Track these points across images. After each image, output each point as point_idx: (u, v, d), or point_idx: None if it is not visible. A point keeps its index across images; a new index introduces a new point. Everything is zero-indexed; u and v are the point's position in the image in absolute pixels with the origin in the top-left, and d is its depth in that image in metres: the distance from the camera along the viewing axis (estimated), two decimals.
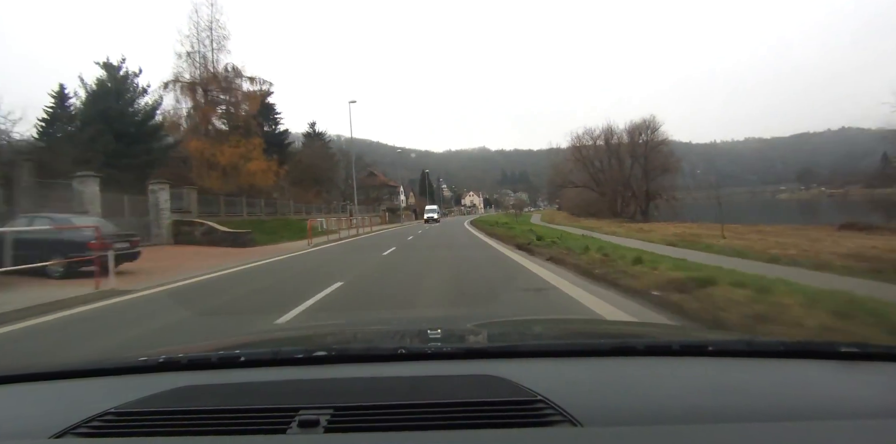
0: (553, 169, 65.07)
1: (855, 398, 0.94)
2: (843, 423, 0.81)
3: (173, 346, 1.64)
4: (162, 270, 10.86)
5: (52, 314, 6.21)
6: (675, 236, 18.27)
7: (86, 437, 0.86)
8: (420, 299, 6.52)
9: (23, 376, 1.21)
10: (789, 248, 12.96)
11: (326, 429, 0.82)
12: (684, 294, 5.21)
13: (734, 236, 18.95)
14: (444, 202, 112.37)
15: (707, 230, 22.70)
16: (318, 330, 2.23)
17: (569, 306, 5.60)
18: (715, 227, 21.95)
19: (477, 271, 9.42)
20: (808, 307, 4.17)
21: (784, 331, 3.64)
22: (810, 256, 10.31)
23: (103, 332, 5.45)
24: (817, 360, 1.11)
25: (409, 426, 0.81)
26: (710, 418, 0.83)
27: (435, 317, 4.27)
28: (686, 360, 1.13)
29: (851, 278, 6.59)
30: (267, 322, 5.29)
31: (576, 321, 3.11)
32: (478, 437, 0.79)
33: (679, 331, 2.35)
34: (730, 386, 1.00)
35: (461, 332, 1.74)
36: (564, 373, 1.07)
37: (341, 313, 5.78)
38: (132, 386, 1.07)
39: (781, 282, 5.49)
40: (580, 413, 0.82)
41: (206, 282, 9.18)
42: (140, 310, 6.56)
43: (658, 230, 25.13)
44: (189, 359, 1.23)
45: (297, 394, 0.97)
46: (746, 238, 17.71)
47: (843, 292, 4.67)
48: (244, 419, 0.86)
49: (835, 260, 9.28)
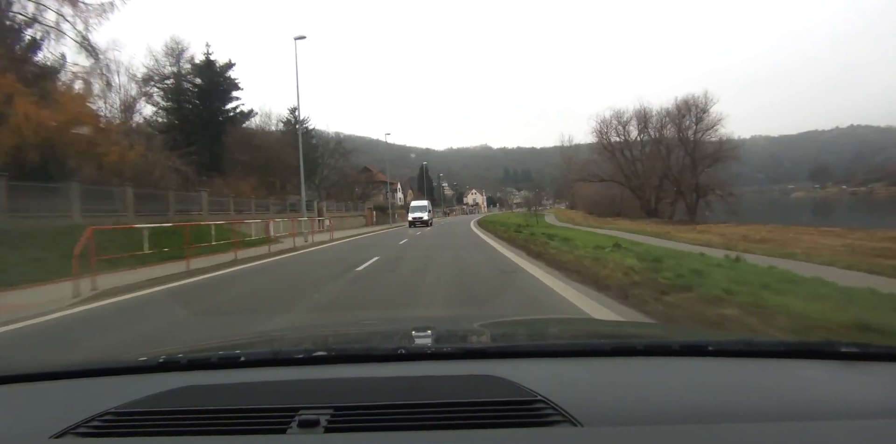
0: (567, 162, 56.20)
1: (855, 398, 0.93)
2: (843, 423, 0.81)
3: (173, 346, 1.59)
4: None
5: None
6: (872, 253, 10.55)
7: (86, 437, 0.86)
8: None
9: (23, 376, 1.22)
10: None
11: (326, 429, 0.82)
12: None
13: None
14: (446, 201, 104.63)
15: (830, 236, 16.88)
16: (318, 330, 2.31)
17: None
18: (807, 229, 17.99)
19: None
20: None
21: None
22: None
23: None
24: (817, 360, 1.10)
25: (409, 426, 0.82)
26: (710, 418, 0.82)
27: (435, 317, 4.36)
28: (686, 360, 1.12)
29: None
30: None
31: (576, 321, 3.11)
32: (478, 437, 0.79)
33: (679, 331, 2.35)
34: (730, 386, 1.00)
35: (461, 332, 1.76)
36: (564, 373, 1.06)
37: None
38: (132, 386, 1.07)
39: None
40: (580, 413, 0.82)
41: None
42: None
43: (779, 237, 16.62)
44: (189, 359, 1.22)
45: (297, 394, 0.97)
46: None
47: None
48: (244, 419, 0.86)
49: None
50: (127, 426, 0.88)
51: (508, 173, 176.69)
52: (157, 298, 7.36)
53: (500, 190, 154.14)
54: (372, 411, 0.86)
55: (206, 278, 9.63)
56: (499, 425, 0.80)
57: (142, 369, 1.20)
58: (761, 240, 16.56)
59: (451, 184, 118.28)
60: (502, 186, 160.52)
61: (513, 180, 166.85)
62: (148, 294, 7.65)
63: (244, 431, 0.83)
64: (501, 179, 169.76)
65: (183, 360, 1.22)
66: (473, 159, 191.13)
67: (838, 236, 16.62)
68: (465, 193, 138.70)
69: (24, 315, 5.93)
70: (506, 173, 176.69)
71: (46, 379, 1.19)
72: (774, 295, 5.05)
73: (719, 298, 5.02)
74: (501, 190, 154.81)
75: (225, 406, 0.90)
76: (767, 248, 12.82)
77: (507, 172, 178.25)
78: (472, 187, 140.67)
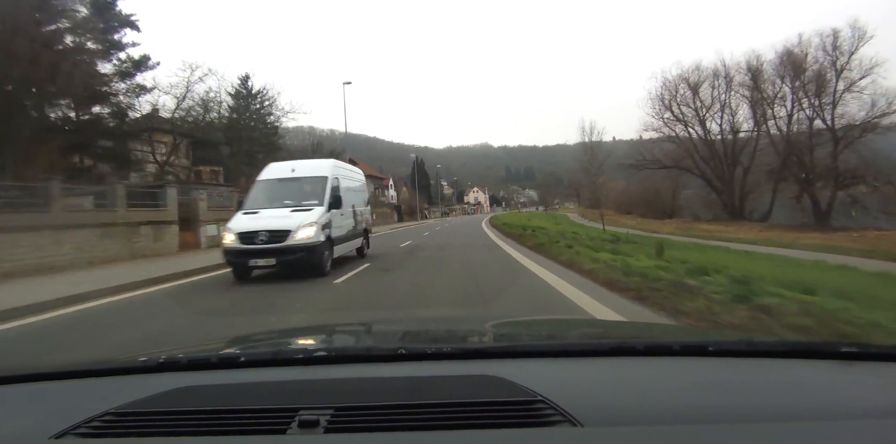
0: (588, 154, 43.34)
1: (855, 398, 0.93)
2: (843, 423, 0.81)
3: (173, 346, 1.59)
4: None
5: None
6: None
7: (86, 437, 0.86)
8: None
9: (23, 376, 1.21)
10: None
11: (326, 429, 0.82)
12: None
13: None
14: (444, 199, 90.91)
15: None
16: (318, 330, 2.26)
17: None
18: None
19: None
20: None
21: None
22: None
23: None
24: (817, 360, 1.10)
25: (409, 427, 0.81)
26: (710, 418, 0.82)
27: (435, 317, 4.32)
28: (686, 360, 1.12)
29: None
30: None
31: (575, 322, 3.07)
32: (478, 437, 0.78)
33: (679, 331, 2.31)
34: (730, 386, 0.99)
35: (461, 332, 1.75)
36: (564, 373, 1.06)
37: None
38: (132, 386, 1.07)
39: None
40: (580, 413, 0.82)
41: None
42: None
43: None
44: (189, 359, 1.22)
45: (297, 394, 0.97)
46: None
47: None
48: (244, 419, 0.86)
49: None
50: (127, 427, 0.88)
51: (510, 172, 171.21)
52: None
53: (504, 188, 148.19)
54: (372, 411, 0.86)
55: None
56: (499, 425, 0.80)
57: (142, 369, 1.19)
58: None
59: (450, 181, 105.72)
60: (506, 184, 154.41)
61: (515, 179, 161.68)
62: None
63: (244, 431, 0.83)
64: (503, 178, 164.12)
65: (183, 360, 1.21)
66: (473, 158, 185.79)
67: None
68: (466, 192, 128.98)
69: None
70: (507, 172, 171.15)
71: (46, 379, 1.18)
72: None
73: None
74: (506, 188, 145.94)
75: (225, 406, 0.90)
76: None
77: (508, 170, 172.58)
78: (473, 185, 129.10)
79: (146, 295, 7.73)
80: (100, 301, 7.13)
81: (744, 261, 11.45)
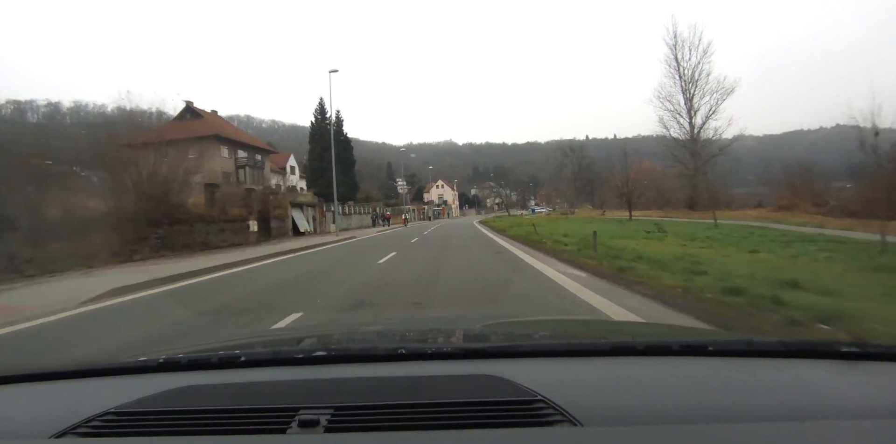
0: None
1: (855, 398, 0.93)
2: (843, 423, 0.81)
3: (173, 346, 1.58)
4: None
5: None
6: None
7: (86, 437, 0.86)
8: None
9: (23, 376, 1.21)
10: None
11: (326, 429, 0.82)
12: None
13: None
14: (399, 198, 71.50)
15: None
16: (318, 330, 2.28)
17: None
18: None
19: None
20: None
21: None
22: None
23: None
24: (817, 360, 1.10)
25: (409, 426, 0.81)
26: (710, 418, 0.82)
27: (435, 317, 4.30)
28: (686, 360, 1.12)
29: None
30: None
31: (576, 321, 3.07)
32: (478, 437, 0.78)
33: (679, 331, 2.30)
34: (730, 386, 0.99)
35: (461, 332, 1.74)
36: (564, 373, 1.06)
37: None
38: (132, 386, 1.06)
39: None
40: (580, 413, 0.82)
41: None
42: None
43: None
44: (189, 359, 1.22)
45: (297, 394, 0.97)
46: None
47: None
48: (244, 419, 0.86)
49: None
50: (127, 426, 0.88)
51: (478, 171, 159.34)
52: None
53: (476, 186, 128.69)
54: (372, 411, 0.86)
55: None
56: (499, 425, 0.80)
57: (142, 369, 1.19)
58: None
59: (408, 177, 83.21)
60: (472, 183, 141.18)
61: (482, 178, 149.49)
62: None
63: (244, 431, 0.83)
64: (470, 177, 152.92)
65: (183, 360, 1.21)
66: (436, 155, 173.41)
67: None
68: (427, 188, 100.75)
69: None
70: (474, 171, 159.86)
71: (46, 379, 1.18)
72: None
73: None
74: (481, 185, 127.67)
75: (225, 406, 0.90)
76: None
77: (476, 169, 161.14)
78: (437, 179, 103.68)
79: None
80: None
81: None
